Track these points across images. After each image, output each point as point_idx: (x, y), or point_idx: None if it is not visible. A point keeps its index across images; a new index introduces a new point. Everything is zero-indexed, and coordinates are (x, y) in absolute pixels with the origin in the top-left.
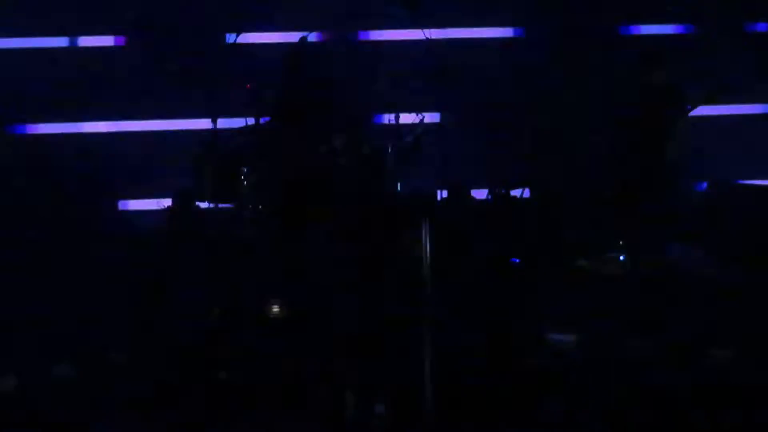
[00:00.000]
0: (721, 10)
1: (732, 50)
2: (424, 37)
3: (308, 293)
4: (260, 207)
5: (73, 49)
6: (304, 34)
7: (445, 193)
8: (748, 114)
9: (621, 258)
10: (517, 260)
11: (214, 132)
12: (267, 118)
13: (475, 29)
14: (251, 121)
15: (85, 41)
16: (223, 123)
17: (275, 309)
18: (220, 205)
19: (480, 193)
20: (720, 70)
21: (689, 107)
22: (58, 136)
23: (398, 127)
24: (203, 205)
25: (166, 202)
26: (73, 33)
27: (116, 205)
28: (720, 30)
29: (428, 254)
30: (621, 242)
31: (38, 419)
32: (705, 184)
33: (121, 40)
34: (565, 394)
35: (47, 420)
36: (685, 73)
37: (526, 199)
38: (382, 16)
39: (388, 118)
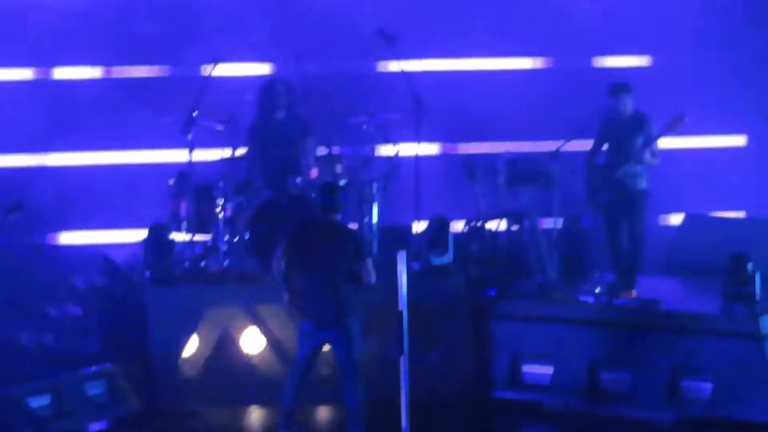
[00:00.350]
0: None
1: (690, 81)
2: (399, 70)
3: None
4: (235, 238)
5: (50, 81)
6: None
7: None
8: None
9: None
10: (493, 291)
11: (190, 164)
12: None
13: (447, 60)
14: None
15: (62, 72)
16: (198, 155)
17: None
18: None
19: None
20: (679, 101)
21: (655, 135)
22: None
23: (375, 158)
24: (179, 236)
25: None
26: (50, 64)
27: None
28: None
29: (404, 284)
30: None
31: None
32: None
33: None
34: None
35: None
36: (648, 104)
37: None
38: (362, 49)
39: (366, 149)
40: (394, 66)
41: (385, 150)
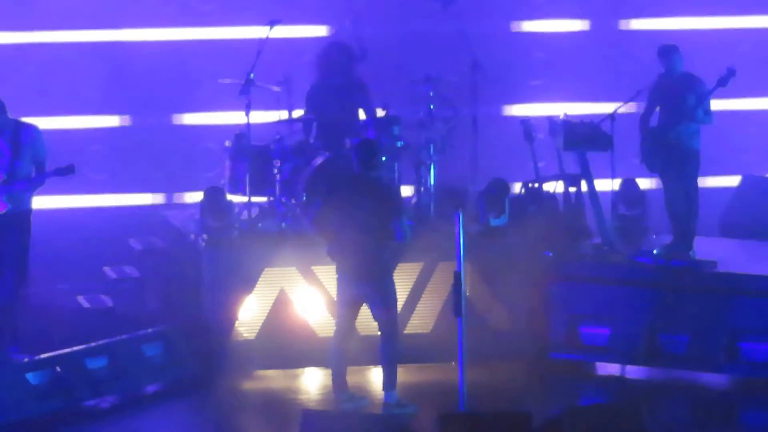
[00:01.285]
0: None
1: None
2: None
3: None
4: (292, 199)
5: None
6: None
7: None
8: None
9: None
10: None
11: (248, 125)
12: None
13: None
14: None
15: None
16: (255, 117)
17: None
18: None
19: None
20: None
21: (707, 92)
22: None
23: (432, 120)
24: (236, 198)
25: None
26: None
27: None
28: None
29: (462, 243)
30: None
31: None
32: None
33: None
34: None
35: None
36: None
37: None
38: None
39: (422, 112)
40: (451, 28)
41: (443, 112)
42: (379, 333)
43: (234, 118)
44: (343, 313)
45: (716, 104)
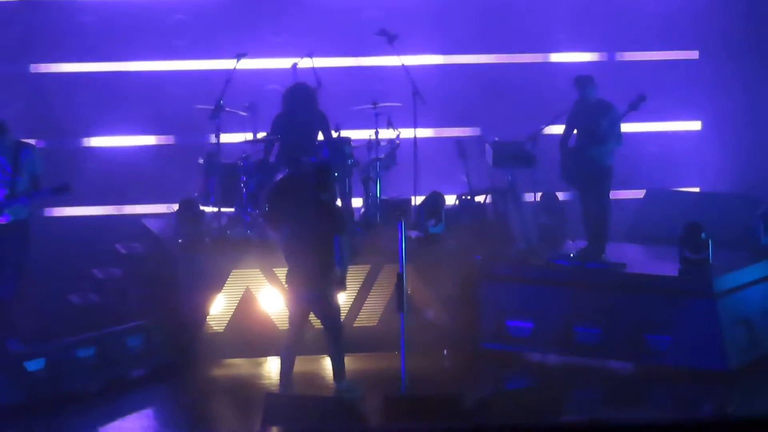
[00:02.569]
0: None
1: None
2: (400, 64)
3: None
4: (257, 210)
5: (101, 74)
6: (294, 61)
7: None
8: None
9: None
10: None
11: (218, 145)
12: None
13: (441, 56)
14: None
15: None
16: (224, 137)
17: None
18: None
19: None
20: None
21: (618, 116)
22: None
23: (378, 141)
24: (208, 208)
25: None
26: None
27: None
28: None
29: (404, 248)
30: None
31: None
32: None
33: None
34: None
35: None
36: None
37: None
38: (363, 44)
39: (368, 134)
40: (394, 60)
41: (387, 133)
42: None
43: (205, 138)
44: (294, 313)
45: (627, 126)
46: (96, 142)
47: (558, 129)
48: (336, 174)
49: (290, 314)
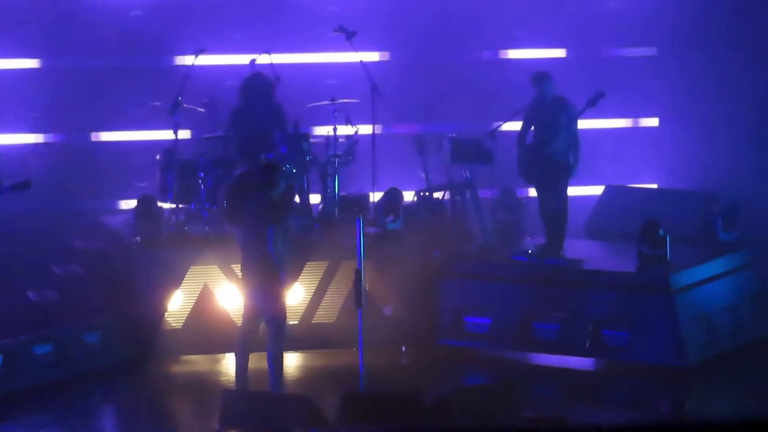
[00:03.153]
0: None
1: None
2: (358, 60)
3: None
4: (215, 206)
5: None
6: (252, 57)
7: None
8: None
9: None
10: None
11: (176, 141)
12: (220, 132)
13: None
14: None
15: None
16: (182, 134)
17: None
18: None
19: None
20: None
21: (576, 113)
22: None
23: (336, 137)
24: (166, 204)
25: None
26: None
27: None
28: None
29: (362, 244)
30: None
31: None
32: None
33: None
34: None
35: None
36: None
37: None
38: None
39: (327, 130)
40: (353, 57)
41: (346, 130)
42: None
43: (163, 135)
44: (247, 309)
45: (584, 123)
46: (51, 138)
47: (516, 125)
48: (293, 170)
49: (245, 310)
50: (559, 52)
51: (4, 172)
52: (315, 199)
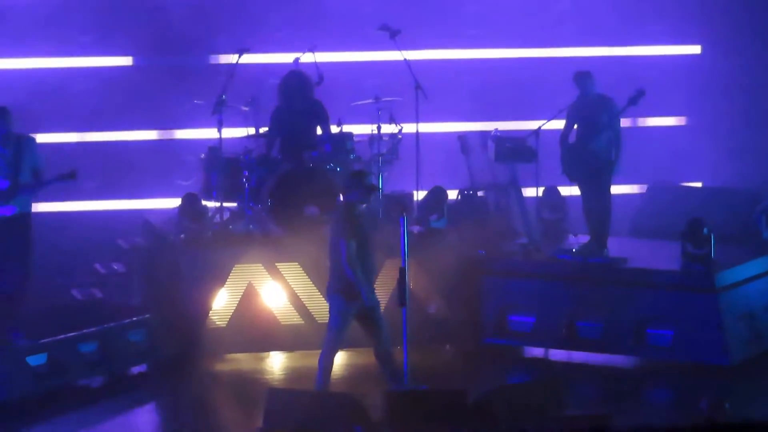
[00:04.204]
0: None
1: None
2: (402, 59)
3: None
4: (258, 205)
5: (101, 69)
6: (296, 56)
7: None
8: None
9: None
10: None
11: (220, 140)
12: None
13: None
14: (252, 131)
15: (102, 61)
16: (226, 132)
17: None
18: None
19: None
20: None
21: (617, 111)
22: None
23: (380, 136)
24: (210, 203)
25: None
26: (92, 53)
27: None
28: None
29: (406, 243)
30: None
31: None
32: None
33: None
34: None
35: None
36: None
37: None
38: (365, 39)
39: (371, 128)
40: (396, 55)
41: (389, 128)
42: None
43: (208, 133)
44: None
45: (627, 121)
46: (95, 136)
47: (560, 124)
48: (337, 169)
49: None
50: (604, 50)
51: (53, 167)
52: None
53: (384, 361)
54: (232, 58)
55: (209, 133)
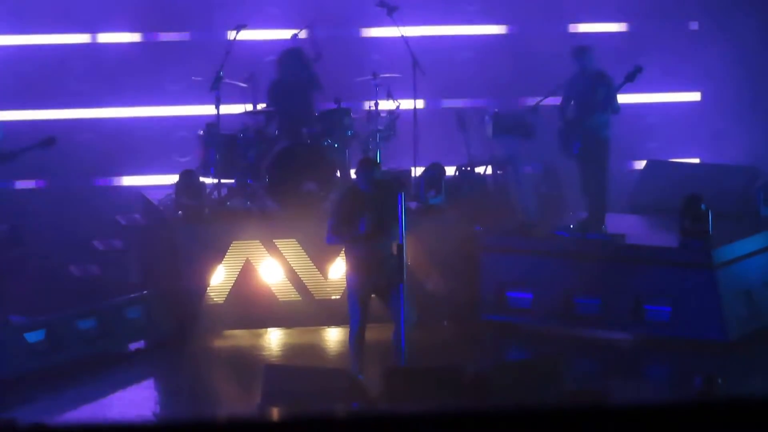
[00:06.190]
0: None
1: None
2: (399, 35)
3: None
4: (256, 181)
5: (97, 45)
6: (294, 32)
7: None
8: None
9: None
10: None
11: (218, 116)
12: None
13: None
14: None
15: (99, 37)
16: (224, 109)
17: None
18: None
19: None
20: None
21: (615, 87)
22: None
23: (378, 112)
24: (208, 179)
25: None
26: (89, 29)
27: None
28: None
29: (404, 219)
30: None
31: None
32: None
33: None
34: None
35: None
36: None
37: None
38: (363, 16)
39: (368, 105)
40: (394, 32)
41: (387, 104)
42: None
43: (205, 110)
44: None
45: (625, 98)
46: (92, 113)
47: (558, 100)
48: (335, 145)
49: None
50: (599, 26)
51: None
52: None
53: (395, 340)
54: (230, 35)
55: (207, 110)
